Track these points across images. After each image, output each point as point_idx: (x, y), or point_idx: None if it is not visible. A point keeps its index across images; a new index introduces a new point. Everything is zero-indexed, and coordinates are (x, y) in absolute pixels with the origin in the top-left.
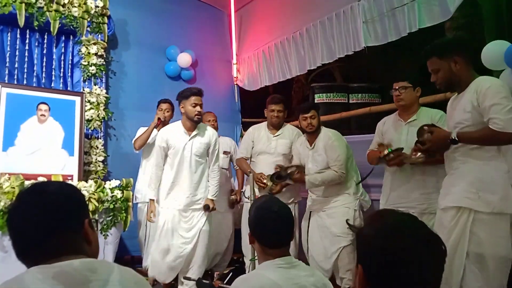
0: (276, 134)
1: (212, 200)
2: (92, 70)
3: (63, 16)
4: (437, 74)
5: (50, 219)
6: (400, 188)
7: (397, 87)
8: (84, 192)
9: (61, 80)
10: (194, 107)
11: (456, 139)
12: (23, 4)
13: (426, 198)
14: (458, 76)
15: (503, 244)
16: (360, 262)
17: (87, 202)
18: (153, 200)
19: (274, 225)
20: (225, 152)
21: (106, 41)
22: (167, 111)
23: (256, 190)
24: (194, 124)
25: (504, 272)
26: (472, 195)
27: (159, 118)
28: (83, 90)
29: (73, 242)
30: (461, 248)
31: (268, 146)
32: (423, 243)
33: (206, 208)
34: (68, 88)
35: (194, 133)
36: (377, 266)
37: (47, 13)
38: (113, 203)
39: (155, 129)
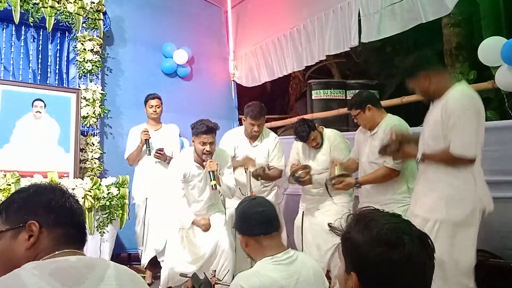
0: (254, 145)
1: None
2: (88, 66)
3: (58, 12)
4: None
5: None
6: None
7: (353, 116)
8: (80, 190)
9: (57, 77)
10: (203, 145)
11: (422, 159)
12: (18, 0)
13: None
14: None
15: (466, 252)
16: (354, 271)
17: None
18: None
19: (257, 210)
20: None
21: (102, 37)
22: (158, 107)
23: (253, 187)
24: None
25: (466, 277)
26: (441, 207)
27: (146, 139)
28: (79, 86)
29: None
30: None
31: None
32: (420, 246)
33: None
34: (64, 85)
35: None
36: (378, 275)
37: (43, 9)
38: (109, 200)
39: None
